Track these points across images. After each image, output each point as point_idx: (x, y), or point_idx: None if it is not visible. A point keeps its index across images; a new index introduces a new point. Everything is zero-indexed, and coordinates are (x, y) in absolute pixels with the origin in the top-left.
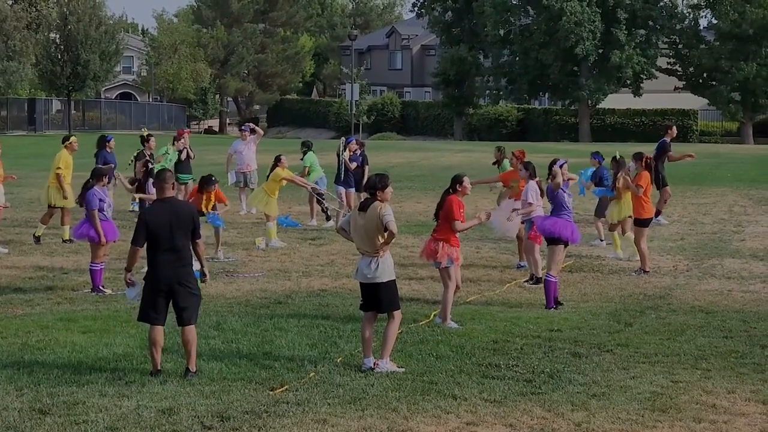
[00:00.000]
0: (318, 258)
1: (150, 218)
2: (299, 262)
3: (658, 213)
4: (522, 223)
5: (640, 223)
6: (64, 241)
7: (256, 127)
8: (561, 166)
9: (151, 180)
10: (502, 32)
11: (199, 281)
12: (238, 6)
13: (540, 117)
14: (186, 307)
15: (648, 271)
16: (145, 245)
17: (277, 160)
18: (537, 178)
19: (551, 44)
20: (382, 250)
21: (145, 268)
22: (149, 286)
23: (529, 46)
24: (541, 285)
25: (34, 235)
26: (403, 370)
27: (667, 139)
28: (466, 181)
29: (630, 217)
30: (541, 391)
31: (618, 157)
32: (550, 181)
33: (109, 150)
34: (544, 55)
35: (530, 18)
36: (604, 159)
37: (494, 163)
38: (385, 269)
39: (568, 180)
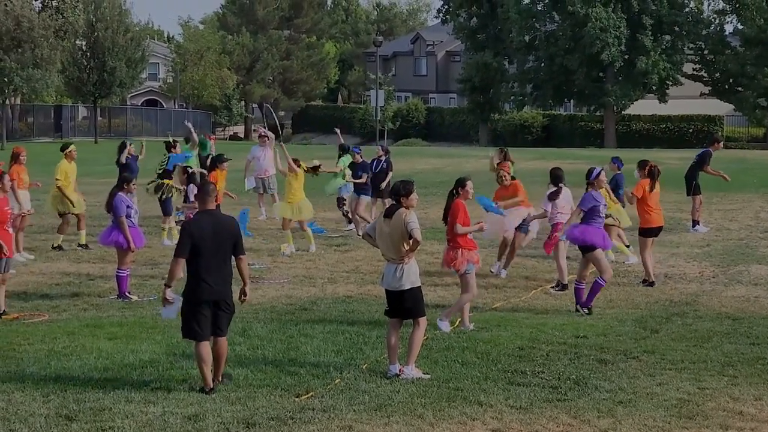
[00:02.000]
0: (343, 264)
1: (194, 230)
2: (324, 269)
3: (695, 222)
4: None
5: (643, 233)
6: (79, 245)
7: (267, 132)
8: (598, 175)
9: (191, 185)
10: (527, 38)
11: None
12: (264, 13)
13: (565, 123)
14: (224, 320)
15: (653, 283)
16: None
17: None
18: (561, 185)
19: (576, 50)
20: (407, 257)
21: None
22: (191, 300)
23: (555, 52)
24: (566, 291)
25: (52, 245)
26: (429, 376)
27: (711, 150)
28: (469, 185)
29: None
30: (567, 398)
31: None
32: (588, 188)
33: (129, 156)
34: (570, 61)
35: (555, 24)
36: (623, 165)
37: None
38: (410, 276)
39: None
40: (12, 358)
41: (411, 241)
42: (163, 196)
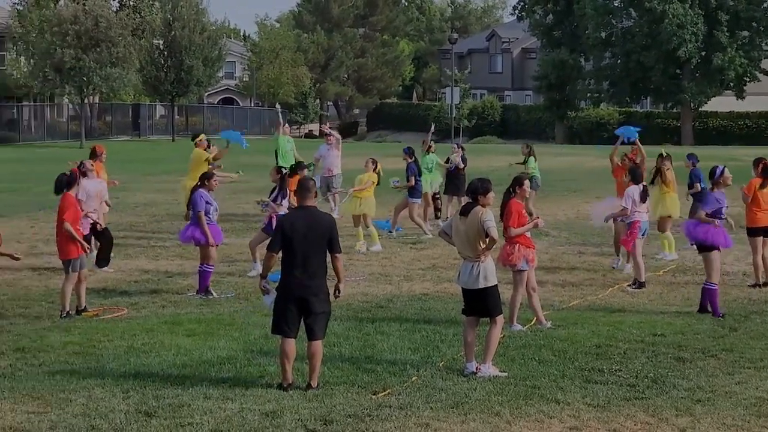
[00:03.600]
0: (419, 262)
1: (287, 225)
2: (400, 266)
3: None
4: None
5: (749, 232)
6: None
7: (333, 131)
8: (722, 173)
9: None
10: (603, 35)
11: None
12: (339, 11)
13: (642, 120)
14: (316, 320)
15: (759, 285)
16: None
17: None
18: (642, 184)
19: (653, 47)
20: (483, 255)
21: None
22: (281, 296)
23: (631, 49)
24: (643, 289)
25: None
26: (506, 374)
27: None
28: (527, 184)
29: (669, 216)
30: (645, 396)
31: (664, 153)
32: (714, 188)
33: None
34: (646, 58)
35: (632, 20)
36: (698, 161)
37: (522, 163)
38: (487, 274)
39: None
40: (92, 354)
41: (487, 240)
42: None
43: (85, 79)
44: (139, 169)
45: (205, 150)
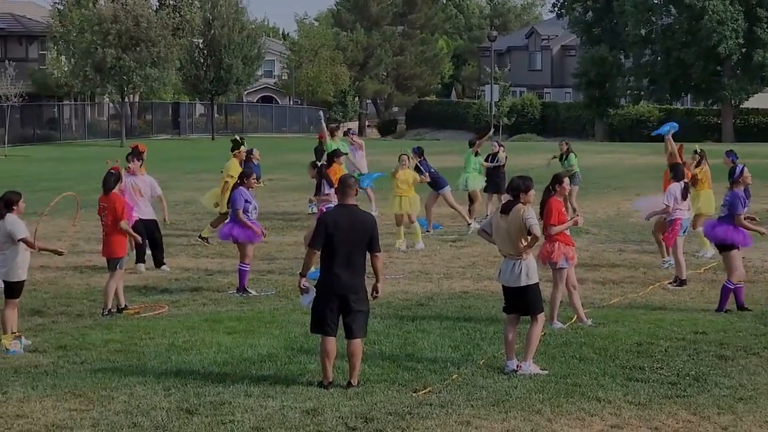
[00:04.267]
0: (459, 260)
1: (329, 222)
2: (440, 264)
3: None
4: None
5: None
6: (200, 237)
7: (356, 138)
8: (741, 172)
9: (324, 181)
10: (643, 32)
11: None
12: (378, 9)
13: (682, 117)
14: (355, 319)
15: None
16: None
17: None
18: (683, 181)
19: (693, 43)
20: (525, 253)
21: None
22: (321, 294)
23: (671, 46)
24: (684, 287)
25: (200, 235)
26: (547, 372)
27: None
28: (566, 182)
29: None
30: (687, 394)
31: (699, 150)
32: (733, 187)
33: (255, 162)
34: (686, 55)
35: (672, 17)
36: (738, 158)
37: (557, 157)
38: (529, 272)
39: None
40: (134, 352)
41: (530, 237)
42: None
43: (125, 78)
44: (179, 167)
45: (240, 163)
